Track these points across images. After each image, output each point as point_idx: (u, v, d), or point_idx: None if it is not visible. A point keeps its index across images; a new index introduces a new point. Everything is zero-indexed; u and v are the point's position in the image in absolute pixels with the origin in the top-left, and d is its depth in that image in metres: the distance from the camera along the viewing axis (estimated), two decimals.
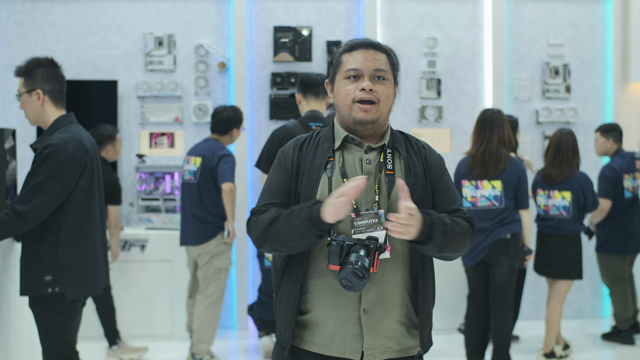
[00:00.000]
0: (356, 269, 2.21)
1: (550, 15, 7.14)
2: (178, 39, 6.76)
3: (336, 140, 2.44)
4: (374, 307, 2.35)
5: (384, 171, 2.39)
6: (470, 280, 5.21)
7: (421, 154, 2.49)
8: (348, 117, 2.41)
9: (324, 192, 2.36)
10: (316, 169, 2.39)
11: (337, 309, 2.35)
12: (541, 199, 5.61)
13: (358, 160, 2.41)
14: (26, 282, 3.59)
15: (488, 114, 5.12)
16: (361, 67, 2.39)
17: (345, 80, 2.41)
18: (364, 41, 2.45)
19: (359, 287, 2.23)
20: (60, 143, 3.56)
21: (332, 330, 2.36)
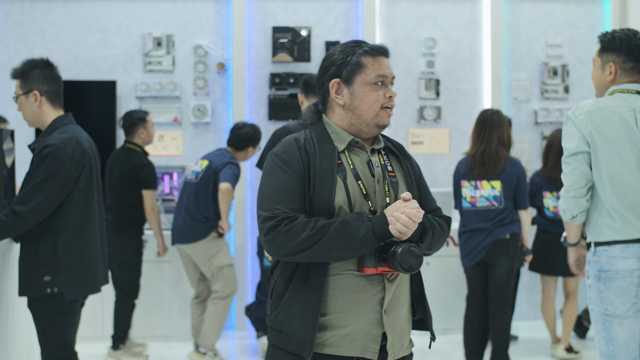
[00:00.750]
0: (411, 247, 2.23)
1: (548, 16, 7.14)
2: (177, 39, 6.76)
3: (337, 143, 2.41)
4: (391, 306, 2.36)
5: (386, 173, 2.42)
6: (470, 280, 5.21)
7: (406, 155, 2.54)
8: (371, 121, 2.41)
9: (341, 196, 2.33)
10: (329, 172, 2.34)
11: (359, 311, 2.32)
12: (549, 201, 5.63)
13: (366, 162, 2.41)
14: (25, 283, 3.59)
15: (487, 114, 5.12)
16: (387, 74, 2.42)
17: (373, 85, 2.40)
18: (385, 48, 2.48)
19: (416, 267, 2.25)
20: (58, 143, 3.56)
21: (350, 331, 2.33)
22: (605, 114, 3.20)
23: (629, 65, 3.29)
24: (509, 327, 5.18)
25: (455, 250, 6.27)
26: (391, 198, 2.38)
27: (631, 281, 3.11)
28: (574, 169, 3.22)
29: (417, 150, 6.97)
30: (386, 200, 2.36)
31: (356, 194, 2.34)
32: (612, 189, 3.18)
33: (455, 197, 5.22)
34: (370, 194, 2.36)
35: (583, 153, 3.21)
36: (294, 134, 2.45)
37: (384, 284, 2.34)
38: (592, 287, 3.21)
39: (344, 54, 2.46)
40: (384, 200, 2.37)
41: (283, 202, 2.30)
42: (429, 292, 6.34)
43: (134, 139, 5.69)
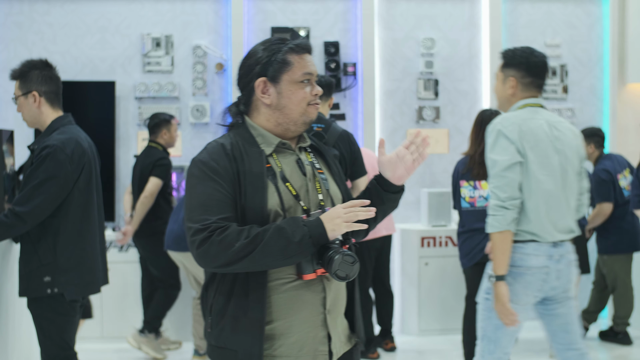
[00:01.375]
0: (345, 256, 2.18)
1: (547, 16, 7.15)
2: (176, 39, 6.76)
3: (264, 146, 2.35)
4: (333, 306, 2.35)
5: (315, 171, 2.41)
6: (469, 280, 5.21)
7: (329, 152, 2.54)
8: (299, 119, 2.36)
9: (273, 200, 2.28)
10: (259, 177, 2.28)
11: (302, 316, 2.29)
12: None
13: (295, 162, 2.37)
14: (25, 283, 3.59)
15: (486, 114, 5.12)
16: (313, 72, 2.39)
17: (299, 83, 2.35)
18: (309, 44, 2.43)
19: (353, 273, 2.20)
20: (58, 144, 3.56)
21: (297, 339, 2.29)
22: (529, 125, 3.46)
23: (527, 80, 3.58)
24: None
25: (454, 251, 6.28)
26: (323, 194, 2.36)
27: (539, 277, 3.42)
28: (511, 180, 3.39)
29: None
30: (318, 197, 2.34)
31: (288, 196, 2.30)
32: (537, 196, 3.43)
33: (454, 198, 5.22)
34: (302, 193, 2.33)
35: (517, 164, 3.41)
36: (218, 139, 2.36)
37: (323, 284, 2.31)
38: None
39: (268, 51, 2.38)
40: (316, 197, 2.34)
41: (214, 212, 2.22)
42: (428, 292, 6.39)
43: (157, 139, 5.85)
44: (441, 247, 6.42)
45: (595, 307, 6.39)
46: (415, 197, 6.92)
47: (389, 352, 6.00)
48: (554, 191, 3.45)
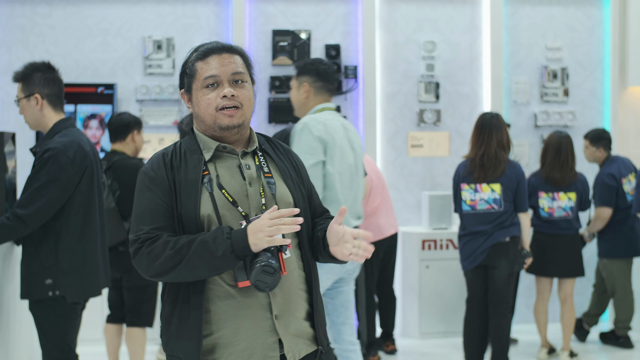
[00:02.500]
0: (264, 266, 2.12)
1: (548, 19, 7.15)
2: (177, 42, 6.76)
3: (205, 152, 2.33)
4: (283, 310, 2.28)
5: (262, 174, 2.34)
6: (469, 283, 5.22)
7: (289, 157, 2.47)
8: (213, 125, 2.31)
9: (206, 208, 2.25)
10: (193, 184, 2.27)
11: (248, 323, 2.25)
12: (544, 201, 5.66)
13: (236, 167, 2.34)
14: (27, 286, 3.59)
15: (487, 117, 5.13)
16: (219, 73, 2.31)
17: (204, 89, 2.32)
18: (216, 45, 2.37)
19: (274, 284, 2.14)
20: (59, 147, 3.56)
21: (245, 346, 2.25)
22: (331, 125, 3.90)
23: (319, 84, 4.03)
24: (509, 330, 5.19)
25: (455, 253, 6.27)
26: (267, 198, 2.30)
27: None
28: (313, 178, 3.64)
29: (416, 154, 6.99)
30: (262, 201, 2.29)
31: (224, 203, 2.26)
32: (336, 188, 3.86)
33: (455, 201, 5.23)
34: (241, 198, 2.29)
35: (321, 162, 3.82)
36: (164, 149, 2.39)
37: None
38: None
39: (183, 63, 2.41)
40: (259, 202, 2.29)
41: (147, 222, 2.25)
42: (429, 295, 6.39)
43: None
44: (442, 250, 6.42)
45: (595, 311, 6.39)
46: (416, 200, 6.93)
47: (390, 354, 6.00)
48: (349, 183, 3.92)
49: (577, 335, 6.37)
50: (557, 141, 5.63)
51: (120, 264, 4.71)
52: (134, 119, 5.07)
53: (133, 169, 4.82)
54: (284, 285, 2.28)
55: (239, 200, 2.29)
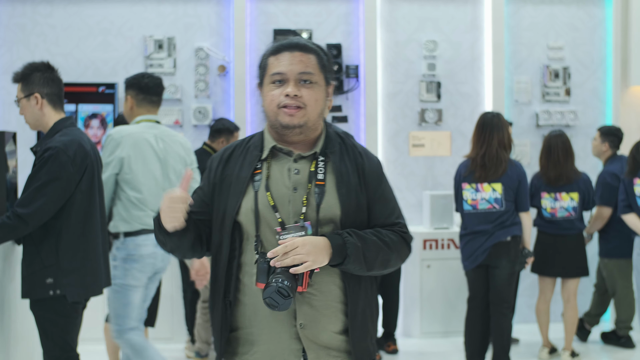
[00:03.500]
0: (280, 288, 2.12)
1: (550, 18, 7.14)
2: (178, 42, 6.76)
3: (266, 149, 2.34)
4: (311, 321, 2.27)
5: (314, 181, 2.29)
6: (471, 283, 5.22)
7: (357, 162, 2.36)
8: (275, 122, 2.30)
9: (248, 206, 2.28)
10: (242, 181, 2.30)
11: (272, 326, 2.27)
12: (547, 201, 5.65)
13: (287, 170, 2.31)
14: (27, 285, 3.59)
15: (488, 117, 5.13)
16: (286, 71, 2.28)
17: (271, 84, 2.30)
18: (290, 42, 2.32)
19: (284, 307, 2.14)
20: (60, 146, 3.56)
21: (268, 347, 2.29)
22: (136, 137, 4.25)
23: (140, 97, 4.37)
24: (510, 329, 5.18)
25: (456, 253, 6.27)
26: (309, 207, 2.26)
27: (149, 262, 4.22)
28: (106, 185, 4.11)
29: (418, 153, 6.98)
30: (302, 210, 2.25)
31: (265, 205, 2.27)
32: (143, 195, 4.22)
33: (456, 200, 5.23)
34: (283, 203, 2.27)
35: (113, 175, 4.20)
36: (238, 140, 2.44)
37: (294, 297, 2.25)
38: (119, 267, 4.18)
39: (260, 58, 2.40)
40: (300, 210, 2.26)
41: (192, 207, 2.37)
42: (430, 294, 6.38)
43: (213, 144, 5.89)
44: (443, 250, 6.41)
45: (596, 310, 6.38)
46: (417, 199, 6.92)
47: (391, 354, 5.99)
48: (155, 190, 4.23)
49: (579, 335, 6.36)
50: (547, 140, 5.67)
51: None
52: None
53: None
54: (315, 296, 2.27)
55: (281, 205, 2.27)
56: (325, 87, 2.35)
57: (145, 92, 4.39)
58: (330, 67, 2.39)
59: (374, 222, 2.36)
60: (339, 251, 2.21)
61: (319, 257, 2.18)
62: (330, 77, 2.38)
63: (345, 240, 2.23)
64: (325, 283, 2.29)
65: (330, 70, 2.38)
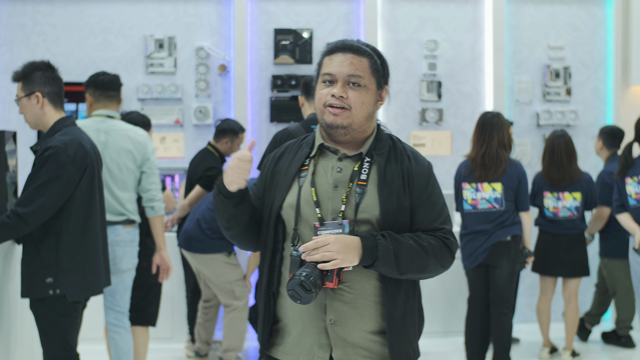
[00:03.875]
0: (303, 282, 2.17)
1: (550, 18, 7.14)
2: (178, 41, 6.76)
3: (314, 147, 2.41)
4: (342, 317, 2.29)
5: (356, 181, 2.32)
6: (471, 282, 5.21)
7: (404, 164, 2.38)
8: (322, 121, 2.36)
9: (292, 200, 2.34)
10: (289, 176, 2.38)
11: (304, 317, 2.33)
12: (549, 201, 5.64)
13: (330, 168, 2.36)
14: (27, 284, 3.59)
15: (488, 116, 5.12)
16: (335, 72, 2.32)
17: (321, 83, 2.36)
18: (344, 44, 2.36)
19: (306, 300, 2.18)
20: (60, 145, 3.56)
21: (299, 338, 2.34)
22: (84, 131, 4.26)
23: (97, 93, 4.59)
24: (511, 329, 5.18)
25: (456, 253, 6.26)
26: (348, 205, 2.29)
27: None
28: None
29: None
30: (341, 208, 2.29)
31: (308, 199, 2.32)
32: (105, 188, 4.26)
33: (456, 200, 5.22)
34: (324, 200, 2.31)
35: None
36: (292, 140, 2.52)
37: (325, 292, 2.29)
38: None
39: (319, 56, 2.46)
40: (339, 207, 2.29)
41: None
42: (430, 294, 6.37)
43: (217, 144, 5.86)
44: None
45: (597, 310, 6.38)
46: None
47: None
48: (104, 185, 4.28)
49: (579, 335, 6.36)
50: (550, 141, 5.66)
51: None
52: (142, 120, 5.04)
53: None
54: (348, 294, 2.30)
55: (322, 202, 2.31)
56: (375, 91, 2.38)
57: (101, 88, 4.56)
58: (385, 70, 2.41)
59: (416, 226, 2.37)
60: (370, 253, 2.23)
61: (349, 256, 2.21)
62: (383, 81, 2.40)
63: (377, 242, 2.24)
64: (359, 281, 2.31)
65: (383, 74, 2.40)
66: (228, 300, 5.35)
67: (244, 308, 5.37)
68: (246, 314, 5.40)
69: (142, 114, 5.07)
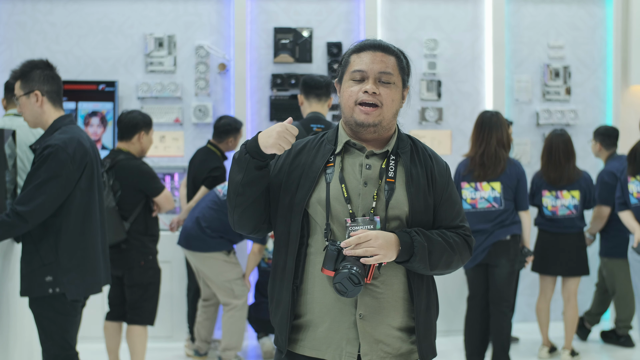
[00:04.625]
0: (352, 275, 2.20)
1: (550, 17, 7.14)
2: (178, 40, 6.76)
3: (339, 144, 2.40)
4: (371, 312, 2.32)
5: (384, 178, 2.35)
6: (470, 282, 5.22)
7: (427, 164, 2.43)
8: (350, 119, 2.36)
9: (320, 196, 2.34)
10: (314, 172, 2.37)
11: (333, 312, 2.33)
12: (548, 200, 5.64)
13: (358, 165, 2.37)
14: (27, 283, 3.59)
15: (486, 116, 5.12)
16: (367, 69, 2.35)
17: (350, 81, 2.37)
18: (373, 42, 2.41)
19: (352, 294, 2.22)
20: (59, 144, 3.56)
21: (326, 333, 2.34)
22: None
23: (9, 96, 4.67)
24: (510, 328, 5.18)
25: None
26: (379, 202, 2.32)
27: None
28: None
29: None
30: (372, 205, 2.32)
31: (338, 196, 2.33)
32: None
33: None
34: (353, 196, 2.33)
35: None
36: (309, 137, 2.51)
37: None
38: None
39: (343, 54, 2.48)
40: (370, 204, 2.32)
41: None
42: None
43: (220, 144, 5.85)
44: None
45: (597, 310, 6.38)
46: None
47: None
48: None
49: (579, 334, 6.36)
50: (549, 140, 5.66)
51: (122, 261, 4.71)
52: (143, 120, 4.97)
53: (135, 171, 4.80)
54: (377, 289, 2.32)
55: (352, 198, 2.33)
56: (401, 89, 2.43)
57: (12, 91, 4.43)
58: (409, 70, 2.48)
59: (439, 223, 2.43)
60: (407, 249, 2.28)
61: (389, 252, 2.25)
62: (407, 80, 2.47)
63: (413, 239, 2.29)
64: (389, 277, 2.35)
65: (407, 73, 2.47)
66: (227, 299, 5.35)
67: (242, 307, 5.37)
68: (245, 312, 5.40)
69: (143, 113, 5.02)
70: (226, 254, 5.34)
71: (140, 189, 4.81)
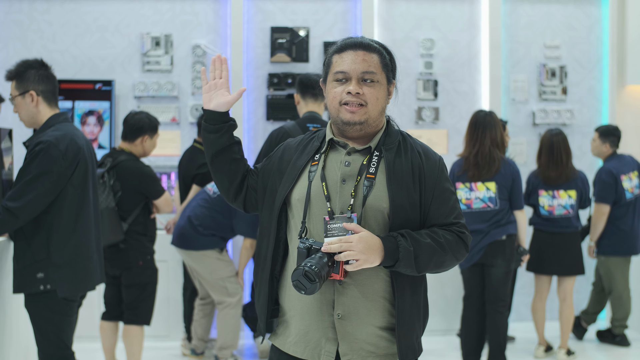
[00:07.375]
0: (307, 272, 2.17)
1: (547, 17, 7.15)
2: (175, 39, 6.76)
3: (324, 143, 2.44)
4: (350, 312, 2.31)
5: (364, 174, 2.33)
6: (466, 281, 5.22)
7: (414, 160, 2.38)
8: (337, 118, 2.37)
9: (301, 193, 2.36)
10: (297, 169, 2.40)
11: (311, 312, 2.33)
12: (545, 199, 5.65)
13: (339, 162, 2.37)
14: (19, 280, 3.59)
15: (480, 115, 5.13)
16: (348, 70, 2.34)
17: (334, 82, 2.37)
18: (354, 42, 2.38)
19: (310, 291, 2.18)
20: (51, 140, 3.56)
21: (305, 330, 2.35)
22: None
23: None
24: (506, 328, 5.19)
25: None
26: (356, 199, 2.30)
27: None
28: None
29: None
30: (350, 202, 2.30)
31: (318, 193, 2.34)
32: None
33: None
34: (332, 194, 2.33)
35: None
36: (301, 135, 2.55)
37: (334, 287, 2.31)
38: None
39: (325, 55, 2.48)
40: (347, 201, 2.31)
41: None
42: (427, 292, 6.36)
43: None
44: None
45: (594, 309, 6.39)
46: None
47: None
48: None
49: (575, 333, 6.37)
50: (549, 140, 5.66)
51: (120, 261, 4.71)
52: (149, 124, 4.93)
53: (136, 173, 4.80)
54: (356, 288, 2.31)
55: (332, 195, 2.33)
56: (386, 86, 2.42)
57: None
58: (393, 66, 2.45)
59: (431, 221, 2.39)
60: (391, 254, 2.25)
61: (371, 257, 2.22)
62: (392, 76, 2.45)
63: (398, 244, 2.25)
64: (368, 276, 2.32)
65: (392, 69, 2.44)
66: (221, 297, 5.36)
67: (237, 304, 5.37)
68: (240, 310, 5.41)
69: (151, 116, 4.96)
70: (219, 252, 5.34)
71: (141, 191, 4.81)
